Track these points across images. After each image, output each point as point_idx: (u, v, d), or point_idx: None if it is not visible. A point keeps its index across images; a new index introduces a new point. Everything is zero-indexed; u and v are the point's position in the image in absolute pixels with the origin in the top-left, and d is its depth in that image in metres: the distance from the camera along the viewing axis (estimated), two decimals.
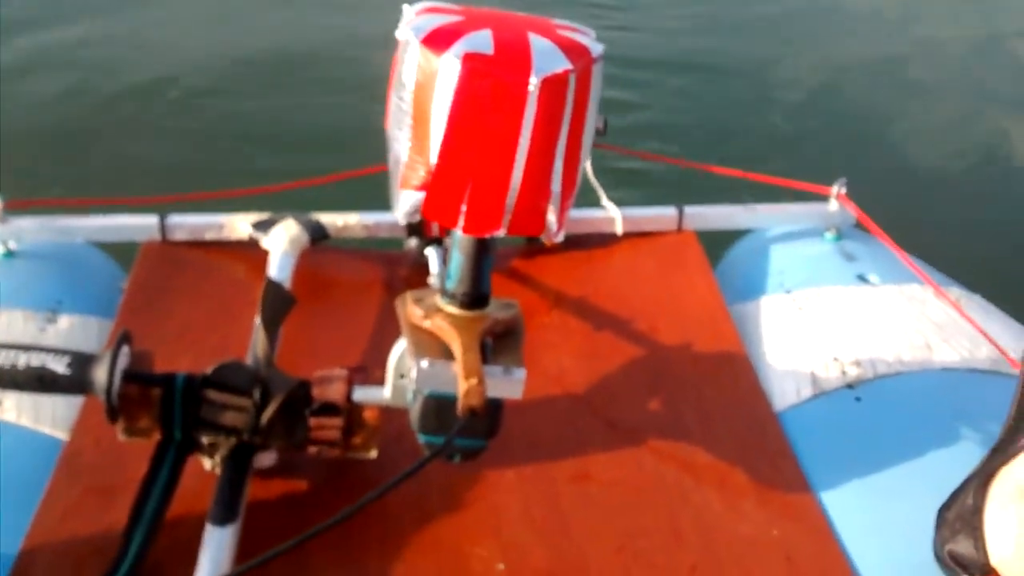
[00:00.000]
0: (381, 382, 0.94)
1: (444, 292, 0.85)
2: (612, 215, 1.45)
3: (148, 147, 2.66)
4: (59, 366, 0.87)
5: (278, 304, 1.00)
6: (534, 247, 1.44)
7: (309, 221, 1.35)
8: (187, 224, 1.36)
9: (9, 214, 1.33)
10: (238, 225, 1.35)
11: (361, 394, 0.93)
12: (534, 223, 0.79)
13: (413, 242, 1.38)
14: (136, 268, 1.31)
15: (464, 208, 0.76)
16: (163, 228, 1.34)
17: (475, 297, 0.83)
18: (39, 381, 0.87)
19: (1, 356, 0.86)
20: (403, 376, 0.91)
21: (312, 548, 0.90)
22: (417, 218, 0.78)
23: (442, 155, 0.75)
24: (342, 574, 0.89)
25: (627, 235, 1.46)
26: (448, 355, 0.80)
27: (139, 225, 1.35)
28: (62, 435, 1.04)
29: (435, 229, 1.38)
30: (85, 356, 0.88)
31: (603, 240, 1.46)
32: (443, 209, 0.77)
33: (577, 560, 0.92)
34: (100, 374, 0.86)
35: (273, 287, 1.02)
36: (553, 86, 0.74)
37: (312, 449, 0.93)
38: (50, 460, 1.00)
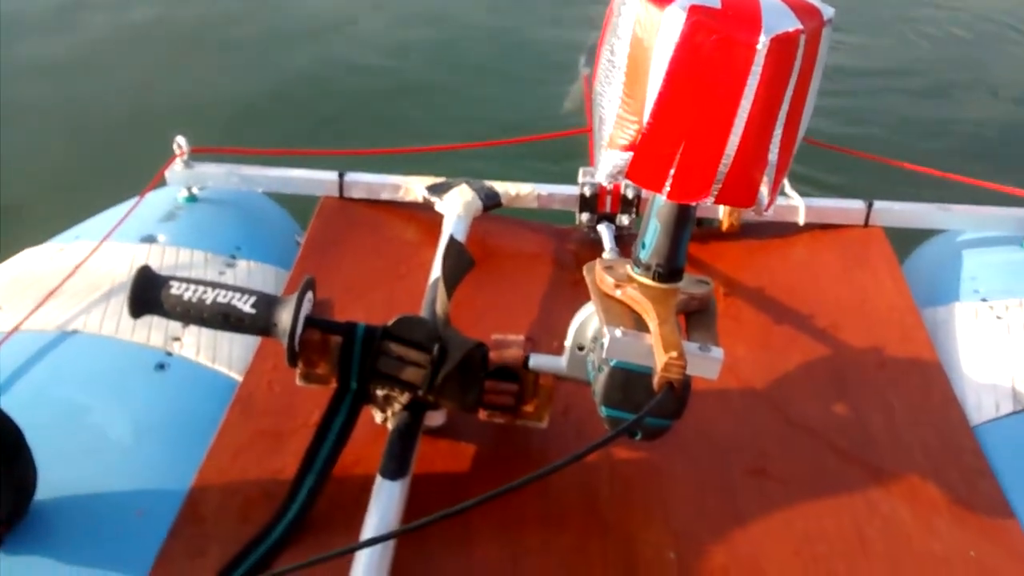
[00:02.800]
0: (547, 353, 0.91)
1: (637, 262, 0.81)
2: (795, 204, 1.37)
3: (329, 105, 2.76)
4: (245, 306, 0.88)
5: (459, 264, 0.99)
6: (707, 231, 1.38)
7: (483, 187, 1.34)
8: (364, 182, 1.37)
9: (195, 160, 1.38)
10: (413, 187, 1.35)
11: (537, 361, 0.90)
12: (745, 194, 0.73)
13: (585, 217, 1.35)
14: (314, 220, 1.34)
15: (672, 172, 0.72)
16: (341, 185, 1.36)
17: (671, 270, 0.79)
18: (224, 318, 0.88)
19: (191, 291, 0.88)
20: (582, 348, 0.88)
21: (473, 517, 0.88)
22: (620, 180, 0.74)
23: (655, 115, 0.70)
24: (503, 547, 0.87)
25: (808, 226, 1.38)
26: (641, 326, 0.76)
27: (319, 180, 1.38)
28: (237, 376, 1.07)
29: (608, 205, 1.35)
30: (271, 298, 0.89)
31: (782, 229, 1.39)
32: (650, 172, 0.72)
33: (752, 558, 0.87)
34: (284, 317, 0.86)
35: (455, 247, 1.01)
36: (782, 46, 0.68)
37: (483, 413, 0.92)
38: (224, 399, 1.02)
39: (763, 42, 0.67)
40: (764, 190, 0.74)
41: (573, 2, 3.58)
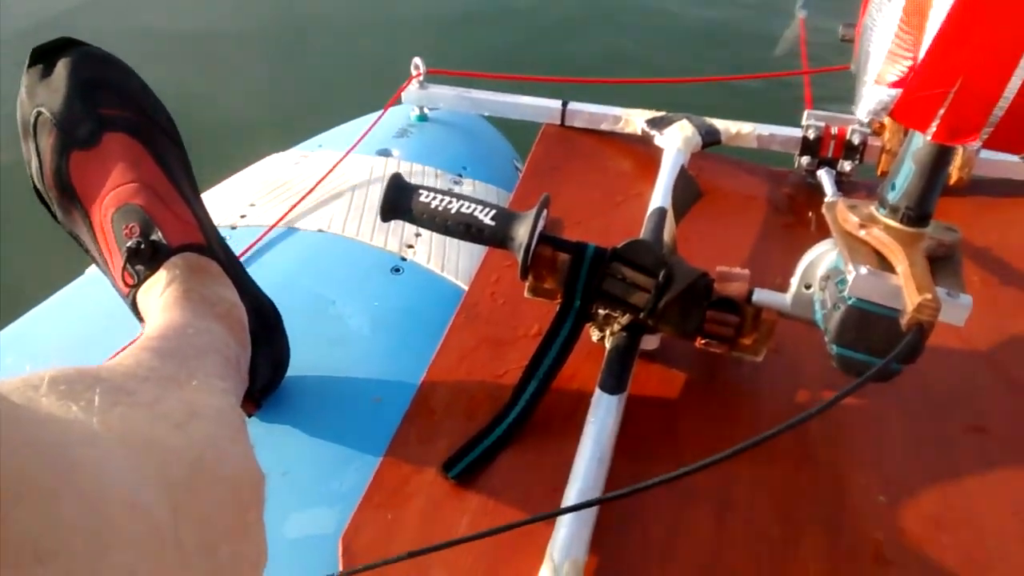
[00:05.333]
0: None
1: (883, 203, 0.79)
2: None
3: (550, 35, 2.82)
4: (486, 218, 0.93)
5: (688, 194, 1.00)
6: None
7: (703, 124, 1.34)
8: (585, 112, 1.40)
9: (429, 80, 1.45)
10: (634, 119, 1.37)
11: (760, 296, 0.91)
12: (1019, 140, 0.70)
13: (806, 160, 1.33)
14: (536, 146, 1.38)
15: (942, 112, 0.70)
16: (563, 113, 1.40)
17: (921, 214, 0.77)
18: (466, 228, 0.94)
19: (437, 200, 0.94)
20: (808, 287, 0.88)
21: (688, 442, 0.91)
22: (883, 117, 0.73)
23: (932, 52, 0.68)
24: (712, 473, 0.89)
25: None
26: (885, 268, 0.75)
27: (543, 107, 1.42)
28: (463, 284, 1.14)
29: (831, 150, 1.32)
30: (509, 212, 0.93)
31: (1015, 188, 1.31)
32: (918, 111, 0.71)
33: (967, 512, 0.86)
34: (522, 231, 0.91)
35: (686, 177, 1.02)
36: None
37: (700, 341, 0.94)
38: (452, 305, 1.09)
39: None
40: None
41: None
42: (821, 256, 0.87)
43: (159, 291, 0.75)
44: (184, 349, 0.64)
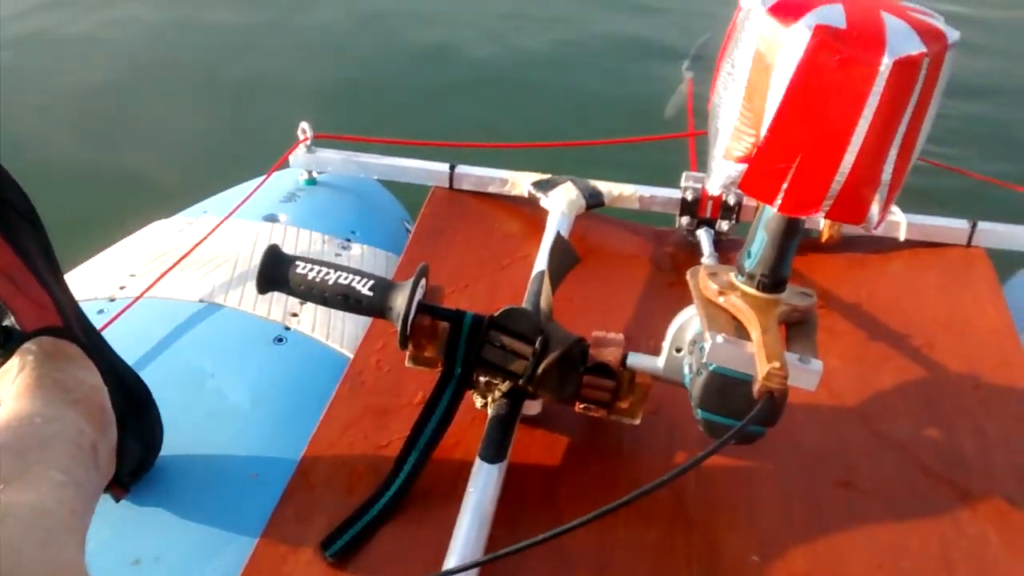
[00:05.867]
0: (642, 352, 0.94)
1: (741, 271, 0.83)
2: (896, 219, 1.36)
3: (441, 100, 2.88)
4: (364, 288, 0.93)
5: (565, 260, 1.02)
6: (806, 242, 1.38)
7: (587, 186, 1.37)
8: (473, 175, 1.42)
9: (317, 145, 1.45)
10: (520, 182, 1.39)
11: (634, 360, 0.93)
12: (856, 211, 0.75)
13: (685, 220, 1.37)
14: (424, 209, 1.39)
15: (785, 186, 0.74)
16: (452, 176, 1.42)
17: (775, 281, 0.81)
18: (344, 299, 0.94)
19: (315, 271, 0.94)
20: (679, 350, 0.91)
21: (567, 508, 0.92)
22: (732, 191, 0.76)
23: (773, 129, 0.72)
24: (592, 538, 0.90)
25: (909, 243, 1.37)
26: (742, 334, 0.78)
27: (431, 170, 1.43)
28: (348, 353, 1.13)
29: (708, 210, 1.37)
30: (387, 282, 0.94)
31: (882, 245, 1.38)
32: (763, 185, 0.74)
33: (835, 568, 0.88)
34: (399, 301, 0.91)
35: (562, 243, 1.05)
36: (905, 69, 0.69)
37: (579, 406, 0.95)
38: (336, 374, 1.08)
39: (886, 64, 0.69)
40: (875, 208, 0.75)
41: (677, 10, 3.62)
42: (689, 320, 0.90)
43: (11, 379, 0.72)
44: (25, 441, 0.61)
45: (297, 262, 0.94)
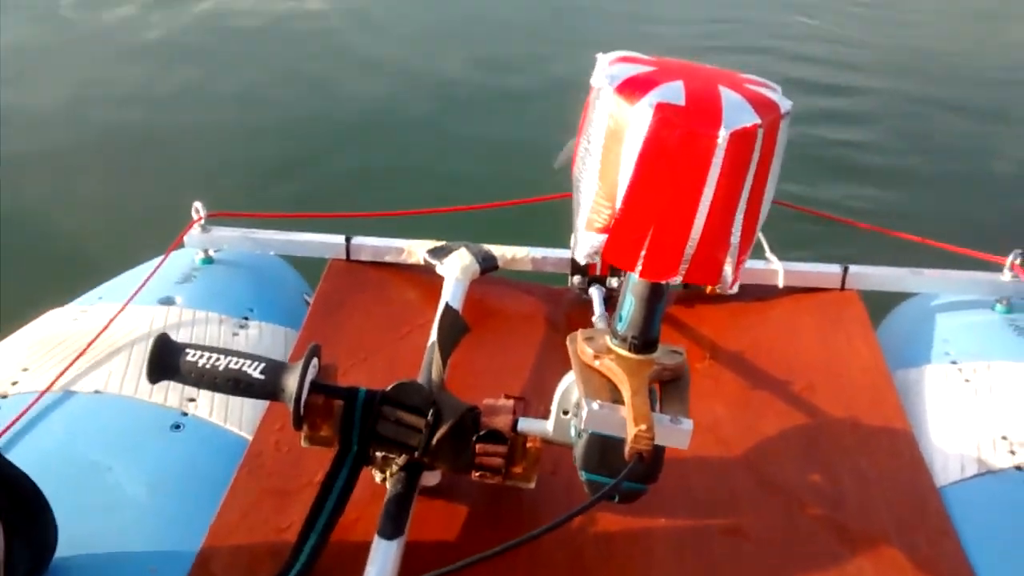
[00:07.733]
0: (540, 414, 0.96)
1: (614, 334, 0.86)
2: (775, 268, 1.43)
3: (335, 168, 2.91)
4: (255, 372, 0.94)
5: (454, 331, 1.04)
6: (693, 293, 1.43)
7: (481, 251, 1.41)
8: (369, 246, 1.44)
9: (211, 223, 1.45)
10: (415, 250, 1.42)
11: (525, 425, 0.96)
12: (710, 273, 0.79)
13: (576, 279, 1.42)
14: (322, 283, 1.40)
15: (643, 253, 0.78)
16: (348, 248, 1.43)
17: (645, 342, 0.85)
18: (235, 384, 0.94)
19: (204, 358, 0.94)
20: (566, 412, 0.94)
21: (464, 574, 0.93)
22: (596, 259, 0.80)
23: (627, 201, 0.77)
24: None
25: (788, 289, 1.44)
26: (617, 396, 0.82)
27: (327, 243, 1.45)
28: (247, 436, 1.13)
29: (598, 268, 1.41)
30: (278, 364, 0.95)
31: (763, 292, 1.44)
32: (623, 253, 0.79)
33: None
34: (291, 383, 0.92)
35: (451, 314, 1.07)
36: (741, 139, 0.75)
37: (475, 474, 0.97)
38: (236, 458, 1.08)
39: (723, 136, 0.74)
40: (728, 269, 0.80)
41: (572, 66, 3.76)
42: (574, 384, 0.93)
43: None
44: None
45: (187, 350, 0.95)
